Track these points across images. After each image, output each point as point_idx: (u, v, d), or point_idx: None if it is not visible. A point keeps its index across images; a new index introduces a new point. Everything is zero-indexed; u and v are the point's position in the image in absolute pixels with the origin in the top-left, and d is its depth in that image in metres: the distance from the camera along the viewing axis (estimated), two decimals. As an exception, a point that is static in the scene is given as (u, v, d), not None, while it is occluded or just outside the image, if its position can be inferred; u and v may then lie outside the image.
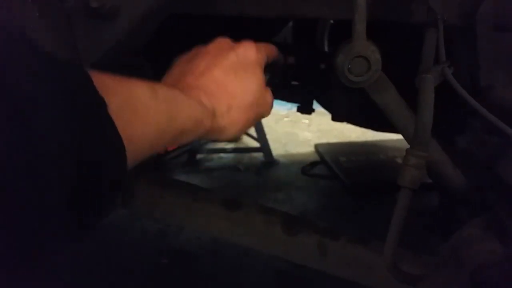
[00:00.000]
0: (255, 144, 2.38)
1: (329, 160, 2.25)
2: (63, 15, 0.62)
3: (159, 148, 0.38)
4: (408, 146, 0.57)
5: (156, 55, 0.91)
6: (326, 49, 1.61)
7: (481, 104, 0.61)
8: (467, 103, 0.60)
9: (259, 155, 2.35)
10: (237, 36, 1.50)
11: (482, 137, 0.68)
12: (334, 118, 1.46)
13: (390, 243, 0.47)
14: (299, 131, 2.80)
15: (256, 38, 1.65)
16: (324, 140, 2.64)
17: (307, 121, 2.90)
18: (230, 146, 2.53)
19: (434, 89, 0.56)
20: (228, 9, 0.79)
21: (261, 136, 2.32)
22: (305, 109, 1.52)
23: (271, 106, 0.57)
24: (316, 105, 1.59)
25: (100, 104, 0.28)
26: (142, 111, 0.34)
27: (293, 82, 1.53)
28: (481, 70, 0.67)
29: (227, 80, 0.50)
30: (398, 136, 2.22)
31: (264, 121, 2.36)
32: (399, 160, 2.21)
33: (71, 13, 0.61)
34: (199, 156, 2.31)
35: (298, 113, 1.61)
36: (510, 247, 0.42)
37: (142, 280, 1.42)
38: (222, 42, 0.57)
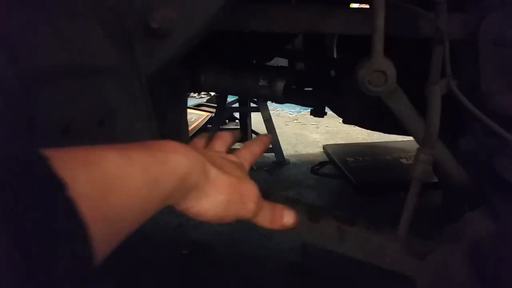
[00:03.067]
0: (267, 144, 2.48)
1: (337, 160, 2.34)
2: (124, 33, 0.73)
3: (146, 214, 0.36)
4: (414, 146, 0.67)
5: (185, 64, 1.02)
6: (335, 56, 1.71)
7: (482, 109, 0.72)
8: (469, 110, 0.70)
9: (270, 155, 2.45)
10: (255, 44, 1.59)
11: (482, 139, 0.79)
12: (345, 121, 1.57)
13: (404, 223, 0.57)
14: (308, 133, 2.91)
15: (272, 46, 1.74)
16: (332, 141, 2.74)
17: (315, 124, 3.01)
18: (243, 146, 2.63)
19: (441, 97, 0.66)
20: (257, 26, 0.90)
21: (273, 137, 2.42)
22: (318, 112, 1.62)
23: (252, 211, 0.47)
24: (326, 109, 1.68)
25: (59, 187, 0.26)
26: (116, 182, 0.31)
27: (306, 88, 1.63)
28: (481, 79, 0.77)
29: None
30: (402, 138, 2.31)
31: (275, 123, 2.46)
32: (404, 161, 2.30)
33: (131, 31, 0.72)
34: (213, 155, 2.41)
35: (307, 116, 1.71)
36: (501, 225, 0.52)
37: (165, 269, 1.51)
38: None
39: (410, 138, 0.79)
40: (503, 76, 0.76)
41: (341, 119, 1.60)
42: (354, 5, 1.30)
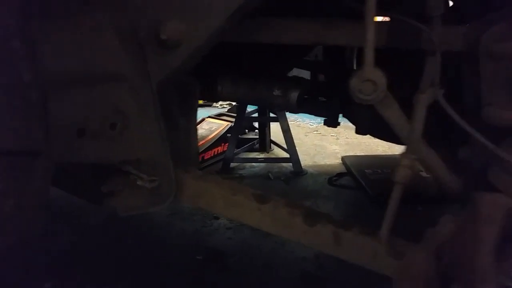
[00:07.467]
0: (285, 155, 2.52)
1: (355, 172, 2.34)
2: (137, 43, 0.79)
3: None
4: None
5: (199, 73, 1.08)
6: (354, 67, 1.74)
7: (480, 121, 0.73)
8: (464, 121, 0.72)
9: (288, 165, 2.48)
10: (275, 54, 1.64)
11: (477, 148, 0.80)
12: (358, 131, 1.58)
13: (386, 226, 0.60)
14: (328, 144, 2.92)
15: (291, 56, 1.79)
16: (351, 153, 2.74)
17: (335, 135, 3.02)
18: (261, 156, 2.68)
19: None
20: (266, 38, 0.96)
21: (291, 148, 2.45)
22: (331, 122, 1.64)
23: None
24: (344, 120, 1.70)
25: None
26: None
27: (321, 98, 1.66)
28: (482, 91, 0.78)
29: None
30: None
31: (294, 133, 2.49)
32: (423, 174, 2.27)
33: (143, 42, 0.79)
34: (232, 164, 2.47)
35: (327, 127, 1.72)
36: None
37: (178, 273, 1.55)
38: None
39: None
40: (502, 88, 0.78)
41: (359, 129, 1.61)
42: (378, 18, 1.32)
